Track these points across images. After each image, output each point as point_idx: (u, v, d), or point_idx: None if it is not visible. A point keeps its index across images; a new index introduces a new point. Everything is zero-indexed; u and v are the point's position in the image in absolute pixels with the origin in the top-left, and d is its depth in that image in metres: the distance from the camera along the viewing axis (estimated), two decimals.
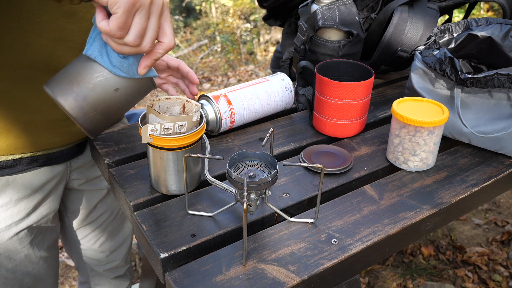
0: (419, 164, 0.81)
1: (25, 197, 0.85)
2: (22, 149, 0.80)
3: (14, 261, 0.88)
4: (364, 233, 0.67)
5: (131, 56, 0.59)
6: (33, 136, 0.80)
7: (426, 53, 0.89)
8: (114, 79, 0.60)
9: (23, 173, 0.83)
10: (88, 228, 1.06)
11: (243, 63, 4.93)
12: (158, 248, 0.63)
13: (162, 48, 0.59)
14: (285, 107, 0.99)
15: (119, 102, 0.62)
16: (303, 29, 1.08)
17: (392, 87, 1.16)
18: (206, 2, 6.11)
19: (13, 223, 0.84)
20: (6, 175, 0.80)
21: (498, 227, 1.96)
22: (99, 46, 0.59)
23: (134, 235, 1.26)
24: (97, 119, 0.61)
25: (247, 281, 0.59)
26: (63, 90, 0.59)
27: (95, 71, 0.59)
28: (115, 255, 1.14)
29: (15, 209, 0.84)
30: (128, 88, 0.62)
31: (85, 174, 0.97)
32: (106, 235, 1.09)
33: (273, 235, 0.67)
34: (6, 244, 0.85)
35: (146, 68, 0.60)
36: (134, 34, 0.54)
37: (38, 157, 0.83)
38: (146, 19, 0.55)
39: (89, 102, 0.59)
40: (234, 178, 0.62)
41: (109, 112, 0.62)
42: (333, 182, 0.79)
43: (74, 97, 0.59)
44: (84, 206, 1.02)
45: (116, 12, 0.52)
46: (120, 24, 0.52)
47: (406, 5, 1.07)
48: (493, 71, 0.80)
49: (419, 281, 1.68)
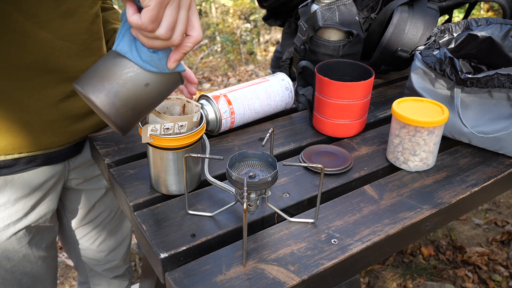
0: (419, 164, 0.81)
1: (23, 197, 0.85)
2: (20, 148, 0.80)
3: (13, 261, 0.87)
4: (364, 233, 0.67)
5: (160, 50, 0.58)
6: (31, 136, 0.80)
7: (426, 53, 0.89)
8: (144, 74, 0.59)
9: (21, 173, 0.83)
10: (87, 227, 1.06)
11: (243, 63, 4.93)
12: (158, 248, 0.63)
13: (191, 41, 0.58)
14: (285, 107, 0.99)
15: (150, 97, 0.61)
16: (303, 29, 1.08)
17: (392, 87, 1.16)
18: (206, 2, 6.11)
19: (11, 223, 0.84)
20: (4, 175, 0.80)
21: (498, 227, 1.96)
22: (129, 41, 0.58)
23: (134, 235, 1.26)
24: (128, 115, 0.60)
25: (247, 281, 0.59)
26: (94, 87, 0.58)
27: (125, 67, 0.58)
28: (114, 255, 1.14)
29: (13, 209, 0.84)
30: (158, 83, 0.60)
31: (84, 174, 0.97)
32: (104, 234, 1.09)
33: (273, 235, 0.67)
34: (4, 244, 0.85)
35: (176, 62, 0.59)
36: (166, 27, 0.54)
37: (36, 156, 0.83)
38: (176, 12, 0.55)
39: (120, 98, 0.58)
40: (234, 178, 0.62)
41: (139, 108, 0.60)
42: (333, 182, 0.79)
43: (106, 93, 0.58)
44: (83, 205, 1.02)
45: (148, 5, 0.52)
46: (152, 16, 0.53)
47: (406, 5, 1.07)
48: (493, 71, 0.80)
49: (419, 281, 1.68)
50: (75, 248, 1.11)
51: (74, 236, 1.07)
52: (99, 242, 1.09)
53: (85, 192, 1.01)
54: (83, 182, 0.98)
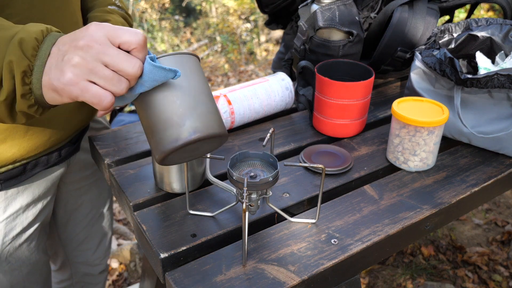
0: (419, 164, 0.81)
1: (33, 202, 0.85)
2: (27, 153, 0.79)
3: (27, 267, 0.88)
4: (364, 233, 0.67)
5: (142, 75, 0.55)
6: (34, 139, 0.80)
7: (426, 53, 0.89)
8: (169, 84, 0.53)
9: (31, 179, 0.83)
10: (74, 224, 1.06)
11: (243, 63, 4.93)
12: (158, 248, 0.64)
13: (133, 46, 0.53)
14: (285, 107, 1.00)
15: (197, 88, 0.54)
16: (303, 29, 1.08)
17: (392, 87, 1.16)
18: (206, 2, 6.11)
19: (23, 229, 0.85)
20: (16, 184, 0.80)
21: (498, 227, 1.96)
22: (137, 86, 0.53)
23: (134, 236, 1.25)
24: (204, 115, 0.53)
25: (247, 281, 0.59)
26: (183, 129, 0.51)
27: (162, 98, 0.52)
28: (99, 252, 1.14)
29: (24, 216, 0.84)
30: (179, 80, 0.54)
31: (81, 172, 0.98)
32: (91, 232, 1.09)
33: (273, 235, 0.67)
34: (18, 251, 0.86)
35: None
36: None
37: (39, 160, 0.82)
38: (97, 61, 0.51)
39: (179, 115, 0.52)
40: (235, 178, 0.62)
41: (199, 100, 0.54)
42: (333, 182, 0.79)
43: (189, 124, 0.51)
44: (74, 202, 1.02)
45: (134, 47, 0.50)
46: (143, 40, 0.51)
47: (406, 5, 1.07)
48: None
49: (419, 281, 1.68)
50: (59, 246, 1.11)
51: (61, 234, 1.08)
52: (86, 239, 1.09)
53: (76, 191, 1.01)
54: (79, 179, 0.99)
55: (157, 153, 0.53)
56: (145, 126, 0.55)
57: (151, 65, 0.51)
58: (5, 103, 0.52)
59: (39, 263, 0.92)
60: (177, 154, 0.54)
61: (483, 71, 0.90)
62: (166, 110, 0.52)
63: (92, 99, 0.49)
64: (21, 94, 0.51)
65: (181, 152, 0.54)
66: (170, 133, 0.51)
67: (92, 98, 0.49)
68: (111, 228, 1.16)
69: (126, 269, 1.79)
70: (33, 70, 0.51)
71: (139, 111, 0.55)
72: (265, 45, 5.34)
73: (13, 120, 0.55)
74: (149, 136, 0.54)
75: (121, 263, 1.81)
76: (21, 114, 0.55)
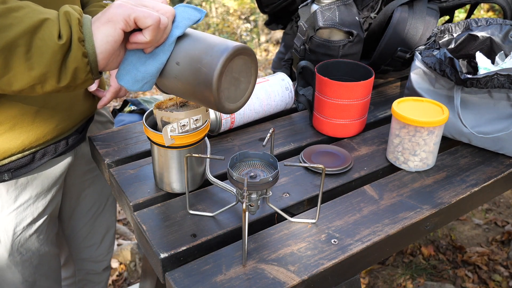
0: (419, 164, 0.81)
1: (43, 192, 0.86)
2: (36, 141, 0.80)
3: (37, 258, 0.90)
4: (364, 233, 0.67)
5: None
6: (41, 127, 0.81)
7: (426, 53, 0.89)
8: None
9: (40, 168, 0.84)
10: (77, 218, 1.06)
11: None
12: (158, 248, 0.64)
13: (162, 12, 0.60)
14: (285, 107, 0.99)
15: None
16: (303, 29, 1.08)
17: (392, 87, 1.16)
18: (206, 2, 6.11)
19: (33, 220, 0.86)
20: (26, 172, 0.81)
21: (498, 227, 1.96)
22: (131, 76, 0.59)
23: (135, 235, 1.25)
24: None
25: (247, 281, 0.59)
26: None
27: None
28: (102, 248, 1.15)
29: (35, 206, 0.86)
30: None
31: (87, 165, 0.99)
32: (95, 226, 1.10)
33: (273, 235, 0.67)
34: (29, 241, 0.87)
35: None
36: None
37: (48, 148, 0.84)
38: None
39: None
40: (235, 178, 0.62)
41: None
42: (333, 182, 0.79)
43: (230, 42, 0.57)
44: (78, 194, 1.03)
45: (149, 25, 0.55)
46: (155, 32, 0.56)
47: (406, 5, 1.07)
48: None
49: (419, 281, 1.68)
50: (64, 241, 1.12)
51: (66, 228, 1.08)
52: (90, 234, 1.10)
53: (80, 184, 1.01)
54: (83, 173, 0.99)
55: (214, 66, 0.55)
56: (188, 67, 0.58)
57: (181, 6, 0.59)
58: (63, 48, 0.54)
59: (48, 255, 0.93)
60: (228, 74, 0.57)
61: (483, 71, 0.90)
62: (207, 38, 0.58)
63: (143, 13, 0.54)
64: (77, 37, 0.55)
65: (230, 72, 0.57)
66: (218, 47, 0.56)
67: (143, 13, 0.54)
68: (114, 223, 1.16)
69: (126, 269, 1.79)
70: (83, 24, 0.56)
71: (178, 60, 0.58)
72: (265, 45, 5.34)
73: (58, 80, 0.56)
74: (196, 72, 0.57)
75: (121, 263, 1.81)
76: (70, 73, 0.56)
